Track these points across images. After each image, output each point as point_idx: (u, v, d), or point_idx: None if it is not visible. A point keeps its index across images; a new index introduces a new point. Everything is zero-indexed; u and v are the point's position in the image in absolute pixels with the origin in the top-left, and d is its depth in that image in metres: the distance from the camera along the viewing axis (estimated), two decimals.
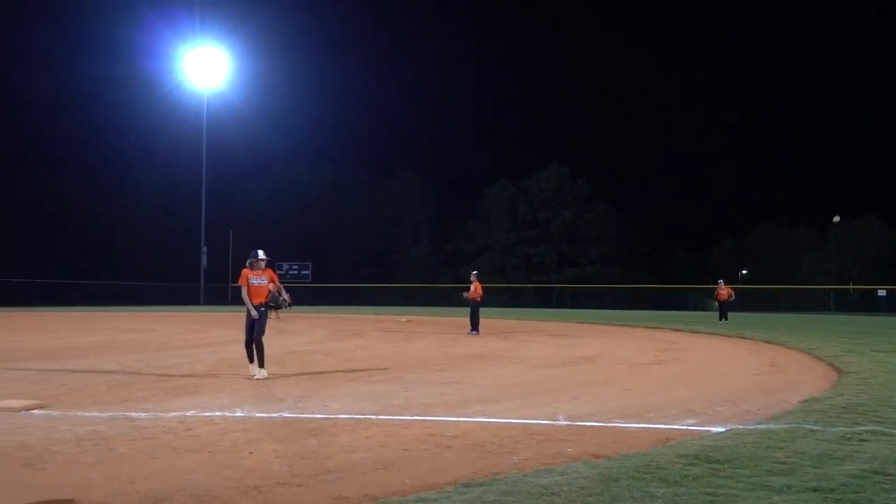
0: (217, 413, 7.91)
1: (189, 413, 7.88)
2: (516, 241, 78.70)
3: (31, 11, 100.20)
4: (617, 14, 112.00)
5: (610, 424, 7.42)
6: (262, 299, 11.60)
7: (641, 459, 5.54)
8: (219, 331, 24.08)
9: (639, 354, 16.14)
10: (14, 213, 72.96)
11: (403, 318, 33.53)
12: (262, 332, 11.43)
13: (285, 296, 12.08)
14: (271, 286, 11.80)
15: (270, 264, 12.05)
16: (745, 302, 51.56)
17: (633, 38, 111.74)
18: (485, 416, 7.90)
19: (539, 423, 7.43)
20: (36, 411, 7.91)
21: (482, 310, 23.68)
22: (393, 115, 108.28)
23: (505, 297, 64.29)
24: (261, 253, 11.79)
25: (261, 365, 11.25)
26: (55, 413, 7.85)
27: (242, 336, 11.51)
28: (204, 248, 65.07)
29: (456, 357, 15.14)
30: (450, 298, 51.87)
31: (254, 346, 11.30)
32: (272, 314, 33.61)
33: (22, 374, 11.53)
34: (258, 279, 11.64)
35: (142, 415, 7.77)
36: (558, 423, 7.50)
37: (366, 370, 12.42)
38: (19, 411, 7.84)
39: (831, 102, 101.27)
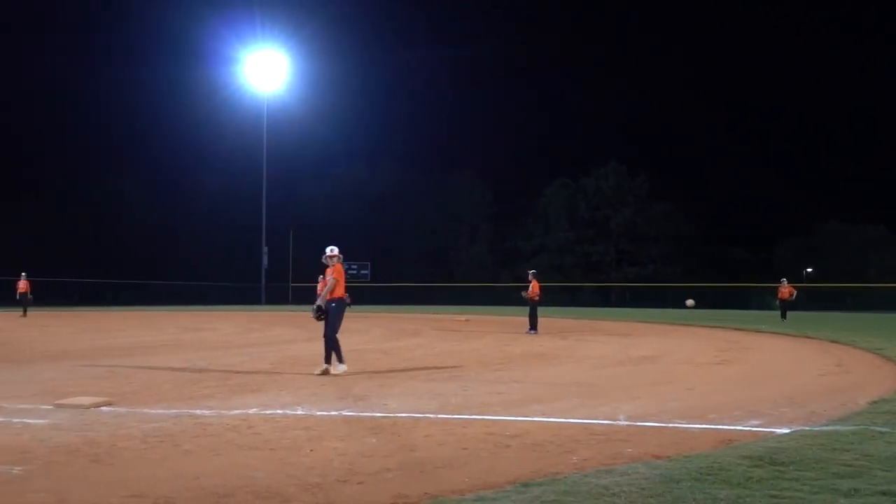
0: (279, 411, 8.02)
1: (251, 411, 8.00)
2: (575, 240, 78.17)
3: (95, 15, 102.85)
4: (680, 10, 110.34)
5: (671, 425, 7.34)
6: (331, 295, 11.73)
7: (704, 461, 5.46)
8: (279, 329, 24.40)
9: (700, 354, 15.92)
10: (81, 214, 75.02)
11: (462, 318, 33.54)
12: (333, 330, 11.59)
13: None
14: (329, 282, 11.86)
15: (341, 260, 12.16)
16: (811, 301, 50.38)
17: (691, 35, 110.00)
18: (544, 415, 7.87)
19: (599, 423, 7.38)
20: (104, 408, 8.11)
21: (540, 309, 23.59)
22: (451, 113, 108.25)
23: (563, 297, 63.87)
24: (328, 250, 12.07)
25: (326, 361, 11.46)
26: (123, 410, 8.03)
27: (301, 334, 11.67)
28: (265, 249, 65.95)
29: (514, 356, 15.11)
30: (508, 298, 51.71)
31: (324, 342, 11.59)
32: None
33: (92, 371, 11.83)
34: (329, 275, 11.86)
35: (206, 412, 7.91)
36: (618, 422, 7.44)
37: (424, 369, 12.47)
38: (89, 408, 8.05)
39: None
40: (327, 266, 12.02)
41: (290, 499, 4.73)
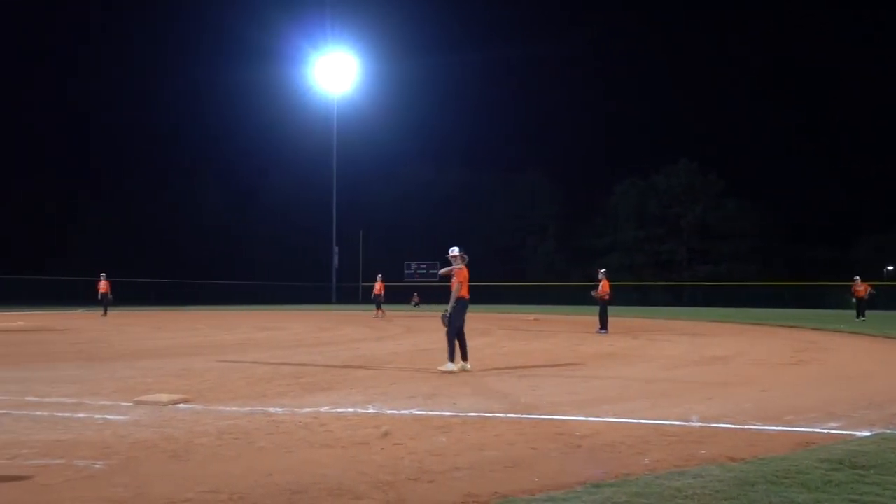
0: (349, 409, 8.09)
1: (323, 409, 8.09)
2: (645, 238, 77.39)
3: (169, 20, 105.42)
4: (753, 4, 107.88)
5: (746, 427, 7.19)
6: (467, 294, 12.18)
7: (780, 463, 5.34)
8: (350, 329, 24.63)
9: (776, 354, 15.56)
10: (157, 216, 77.08)
11: (531, 317, 33.43)
12: (453, 328, 11.94)
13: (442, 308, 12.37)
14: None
15: (462, 260, 12.56)
16: (891, 300, 48.71)
17: (763, 29, 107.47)
18: (615, 415, 7.79)
19: (671, 424, 7.27)
20: (181, 405, 8.30)
21: (610, 308, 23.39)
22: (519, 112, 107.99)
23: (634, 296, 63.16)
24: (450, 251, 12.53)
25: (463, 358, 11.91)
26: (199, 407, 8.21)
27: (371, 334, 11.79)
28: (335, 249, 66.74)
29: (584, 356, 14.99)
30: (578, 297, 51.30)
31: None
32: (377, 313, 34.81)
33: (168, 369, 12.12)
34: (453, 277, 12.31)
35: (278, 410, 8.03)
36: (691, 424, 7.32)
37: (493, 369, 12.45)
38: (166, 405, 8.25)
39: None
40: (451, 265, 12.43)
41: (362, 496, 4.77)
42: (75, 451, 5.97)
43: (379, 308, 35.54)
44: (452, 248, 12.49)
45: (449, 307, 12.04)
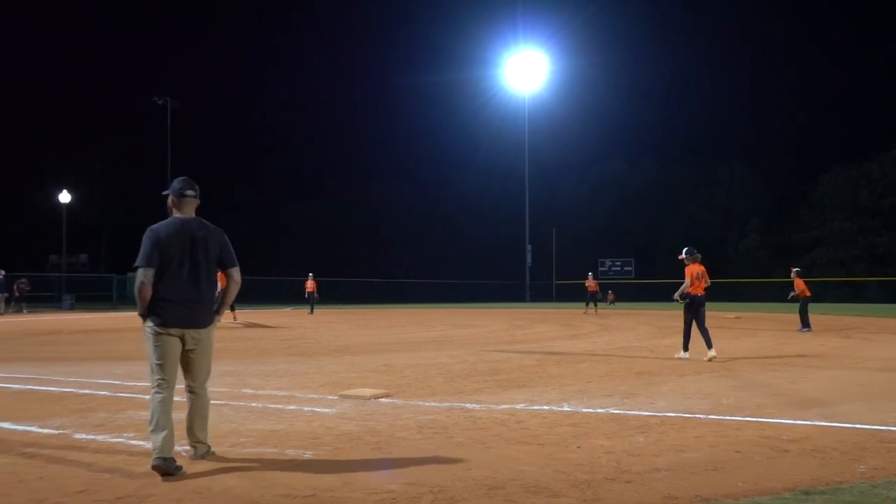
0: (545, 406, 8.11)
1: (518, 406, 8.16)
2: (857, 231, 72.37)
3: (370, 31, 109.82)
4: None
5: None
6: (689, 291, 13.63)
7: None
8: (544, 326, 24.63)
9: None
10: (360, 217, 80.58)
11: (731, 315, 32.15)
12: (698, 322, 13.43)
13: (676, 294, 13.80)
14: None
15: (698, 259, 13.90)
16: None
17: None
18: (825, 419, 7.36)
19: (889, 430, 6.78)
20: (383, 399, 8.63)
21: (818, 306, 22.27)
22: (716, 103, 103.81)
23: (845, 292, 59.27)
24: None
25: (708, 347, 13.18)
26: (399, 402, 8.50)
27: (566, 332, 11.75)
28: (528, 247, 66.99)
29: (790, 355, 14.25)
30: (784, 294, 48.86)
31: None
32: (585, 310, 35.61)
33: (370, 364, 12.61)
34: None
35: (475, 406, 8.17)
36: None
37: (692, 367, 12.09)
38: (369, 399, 8.60)
39: None
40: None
41: (559, 494, 4.78)
42: (287, 441, 6.34)
43: (587, 305, 36.97)
44: (685, 249, 13.83)
45: (677, 295, 13.82)
